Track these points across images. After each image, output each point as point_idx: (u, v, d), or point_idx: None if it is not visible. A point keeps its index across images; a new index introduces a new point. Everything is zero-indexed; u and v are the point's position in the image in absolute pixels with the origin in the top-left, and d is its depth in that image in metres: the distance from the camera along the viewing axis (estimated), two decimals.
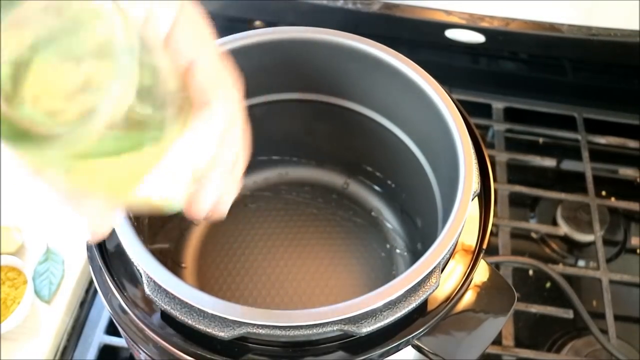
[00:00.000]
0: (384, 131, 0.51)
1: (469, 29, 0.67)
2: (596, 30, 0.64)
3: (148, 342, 0.38)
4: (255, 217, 0.56)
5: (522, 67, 0.77)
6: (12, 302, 0.55)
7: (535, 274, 0.64)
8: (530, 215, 0.69)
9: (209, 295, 0.34)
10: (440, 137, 0.43)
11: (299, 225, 0.56)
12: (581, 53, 0.70)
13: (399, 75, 0.45)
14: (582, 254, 0.66)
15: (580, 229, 0.65)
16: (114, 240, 0.40)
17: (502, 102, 0.75)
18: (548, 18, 0.65)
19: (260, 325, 0.34)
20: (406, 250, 0.54)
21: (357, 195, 0.58)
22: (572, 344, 0.59)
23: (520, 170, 0.71)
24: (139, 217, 0.44)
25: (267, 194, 0.58)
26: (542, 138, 0.74)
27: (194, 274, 0.53)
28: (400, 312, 0.35)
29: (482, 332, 0.40)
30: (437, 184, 0.47)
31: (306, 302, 0.51)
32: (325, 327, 0.34)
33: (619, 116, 0.74)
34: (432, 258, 0.36)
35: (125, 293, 0.38)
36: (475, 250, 0.40)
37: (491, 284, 0.41)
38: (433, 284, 0.36)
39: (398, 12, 0.66)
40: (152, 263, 0.35)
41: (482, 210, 0.42)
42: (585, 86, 0.75)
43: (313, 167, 0.59)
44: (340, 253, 0.54)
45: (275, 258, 0.53)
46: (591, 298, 0.62)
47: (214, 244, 0.54)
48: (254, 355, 0.36)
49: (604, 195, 0.69)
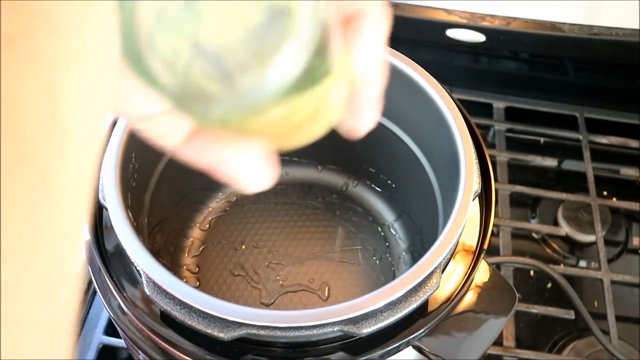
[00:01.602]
0: (385, 131, 0.50)
1: (469, 29, 0.67)
2: (597, 29, 0.64)
3: (147, 343, 0.38)
4: (255, 217, 0.56)
5: (523, 67, 0.77)
6: None
7: (536, 274, 0.64)
8: (531, 215, 0.69)
9: (208, 296, 0.34)
10: (440, 136, 0.43)
11: (299, 225, 0.56)
12: (582, 52, 0.69)
13: (399, 75, 0.44)
14: (583, 255, 0.66)
15: (582, 229, 0.65)
16: (113, 241, 0.40)
17: (503, 101, 0.74)
18: (549, 17, 0.64)
19: (260, 326, 0.33)
20: (406, 250, 0.54)
21: (357, 195, 0.58)
22: (574, 345, 0.58)
23: (521, 170, 0.70)
24: (139, 217, 0.44)
25: (267, 194, 0.58)
26: (543, 138, 0.74)
27: (194, 275, 0.52)
28: (400, 312, 0.35)
29: (482, 332, 0.39)
30: (437, 184, 0.47)
31: (306, 302, 0.51)
32: (325, 328, 0.34)
33: (620, 116, 0.74)
34: (433, 258, 0.36)
35: (124, 294, 0.38)
36: (476, 250, 0.40)
37: (492, 285, 0.41)
38: (434, 285, 0.36)
39: (398, 11, 0.66)
40: (151, 263, 0.35)
41: (482, 211, 0.42)
42: (586, 86, 0.75)
43: (313, 167, 0.59)
44: (340, 253, 0.54)
45: (275, 258, 0.53)
46: (592, 299, 0.62)
47: (214, 244, 0.54)
48: (254, 356, 0.36)
49: (605, 195, 0.69)
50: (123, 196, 0.38)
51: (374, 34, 0.23)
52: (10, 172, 0.12)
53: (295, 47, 0.19)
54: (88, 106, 0.15)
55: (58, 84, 0.14)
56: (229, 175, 0.23)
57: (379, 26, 0.23)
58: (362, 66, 0.23)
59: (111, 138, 0.41)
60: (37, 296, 0.13)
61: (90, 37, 0.15)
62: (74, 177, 0.14)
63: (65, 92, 0.14)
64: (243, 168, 0.23)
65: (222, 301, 0.34)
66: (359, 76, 0.24)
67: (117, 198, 0.38)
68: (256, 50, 0.19)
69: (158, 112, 0.22)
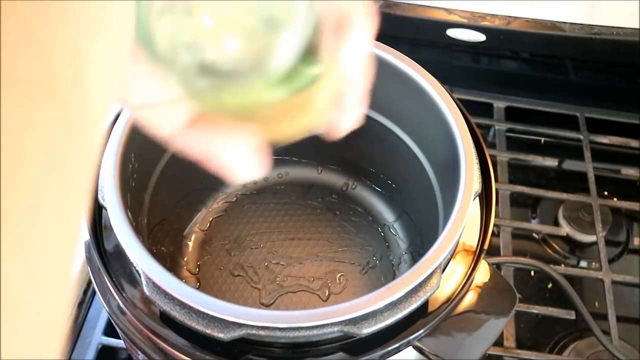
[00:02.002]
0: (385, 131, 0.50)
1: (470, 28, 0.67)
2: (598, 29, 0.64)
3: (147, 343, 0.38)
4: (255, 217, 0.56)
5: (523, 66, 0.77)
6: None
7: (536, 274, 0.64)
8: (532, 215, 0.69)
9: (208, 296, 0.34)
10: (441, 136, 0.43)
11: (298, 225, 0.55)
12: (583, 52, 0.69)
13: (399, 75, 0.44)
14: (584, 255, 0.66)
15: (582, 229, 0.65)
16: (112, 241, 0.40)
17: (503, 101, 0.74)
18: (550, 17, 0.64)
19: (260, 327, 0.33)
20: (407, 250, 0.54)
21: (357, 195, 0.58)
22: (574, 345, 0.58)
23: (521, 170, 0.70)
24: (138, 217, 0.44)
25: (267, 194, 0.58)
26: (543, 138, 0.74)
27: (194, 275, 0.52)
28: (401, 313, 0.35)
29: (483, 333, 0.39)
30: (437, 184, 0.47)
31: (306, 303, 0.51)
32: (325, 328, 0.33)
33: (621, 116, 0.73)
34: (433, 259, 0.36)
35: (124, 294, 0.38)
36: (477, 250, 0.40)
37: (492, 285, 0.41)
38: (434, 285, 0.36)
39: (399, 10, 0.65)
40: (151, 263, 0.35)
41: (483, 211, 0.42)
42: (587, 85, 0.75)
43: (313, 167, 0.59)
44: (340, 253, 0.54)
45: (275, 258, 0.53)
46: (593, 299, 0.62)
47: (213, 244, 0.54)
48: (254, 356, 0.36)
49: (606, 195, 0.69)
50: (122, 196, 0.38)
51: (361, 37, 0.25)
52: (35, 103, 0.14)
53: (292, 36, 0.21)
54: (105, 73, 0.16)
55: (82, 45, 0.15)
56: (221, 165, 0.24)
57: (365, 29, 0.25)
58: (349, 66, 0.25)
59: (111, 138, 0.40)
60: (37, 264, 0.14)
61: (111, 12, 0.17)
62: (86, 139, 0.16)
63: (88, 53, 0.15)
64: (234, 158, 0.24)
65: (222, 301, 0.34)
66: (346, 75, 0.25)
67: (116, 198, 0.38)
68: (256, 38, 0.21)
69: (157, 101, 0.23)
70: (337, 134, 0.28)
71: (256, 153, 0.24)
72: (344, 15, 0.24)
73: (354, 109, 0.27)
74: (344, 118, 0.27)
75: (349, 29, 0.24)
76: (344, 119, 0.27)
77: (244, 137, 0.24)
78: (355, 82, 0.26)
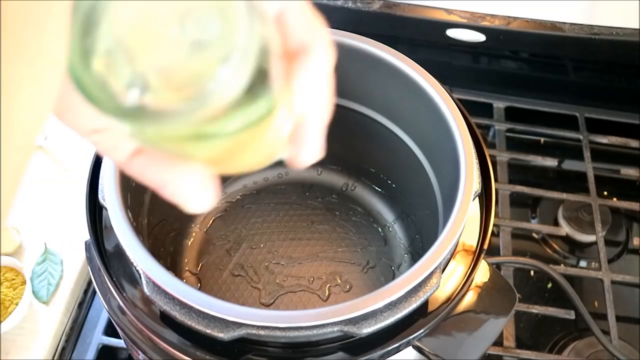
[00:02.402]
0: (385, 131, 0.50)
1: (469, 28, 0.67)
2: (598, 29, 0.64)
3: (147, 343, 0.38)
4: (255, 218, 0.56)
5: (523, 67, 0.77)
6: (11, 303, 0.55)
7: (536, 274, 0.64)
8: (532, 215, 0.69)
9: (208, 296, 0.34)
10: (441, 136, 0.43)
11: (298, 225, 0.56)
12: (583, 52, 0.69)
13: (399, 75, 0.44)
14: (583, 255, 0.66)
15: (582, 229, 0.65)
16: (112, 241, 0.40)
17: (503, 101, 0.74)
18: (549, 17, 0.64)
19: (260, 327, 0.33)
20: (407, 250, 0.54)
21: (357, 195, 0.58)
22: (574, 345, 0.58)
23: (521, 170, 0.70)
24: (138, 217, 0.44)
25: (267, 194, 0.58)
26: (543, 138, 0.74)
27: (194, 275, 0.52)
28: (400, 312, 0.35)
29: (483, 333, 0.39)
30: (437, 183, 0.47)
31: (306, 302, 0.51)
32: (325, 328, 0.33)
33: (620, 116, 0.74)
34: (433, 258, 0.36)
35: (124, 294, 0.38)
36: (476, 250, 0.40)
37: (492, 285, 0.41)
38: (434, 285, 0.36)
39: (399, 11, 0.65)
40: (151, 263, 0.35)
41: (483, 211, 0.42)
42: (586, 85, 0.75)
43: (313, 167, 0.59)
44: (340, 253, 0.54)
45: (275, 258, 0.53)
46: (593, 299, 0.62)
47: (213, 244, 0.54)
48: (254, 356, 0.36)
49: (605, 195, 0.69)
50: (123, 196, 0.38)
51: (318, 70, 0.23)
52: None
53: (233, 65, 0.19)
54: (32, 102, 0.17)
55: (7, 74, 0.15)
56: (171, 195, 0.23)
57: (323, 62, 0.24)
58: (305, 100, 0.24)
59: None
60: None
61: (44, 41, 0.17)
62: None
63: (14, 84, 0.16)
64: (184, 189, 0.23)
65: (222, 301, 0.34)
66: (301, 109, 0.24)
67: (116, 198, 0.38)
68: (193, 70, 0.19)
69: (102, 128, 0.23)
70: (297, 166, 0.26)
71: (206, 185, 0.23)
72: (301, 45, 0.23)
73: (313, 142, 0.25)
74: (302, 151, 0.25)
75: (305, 57, 0.23)
76: (302, 152, 0.25)
77: (192, 169, 0.23)
78: (314, 114, 0.24)
